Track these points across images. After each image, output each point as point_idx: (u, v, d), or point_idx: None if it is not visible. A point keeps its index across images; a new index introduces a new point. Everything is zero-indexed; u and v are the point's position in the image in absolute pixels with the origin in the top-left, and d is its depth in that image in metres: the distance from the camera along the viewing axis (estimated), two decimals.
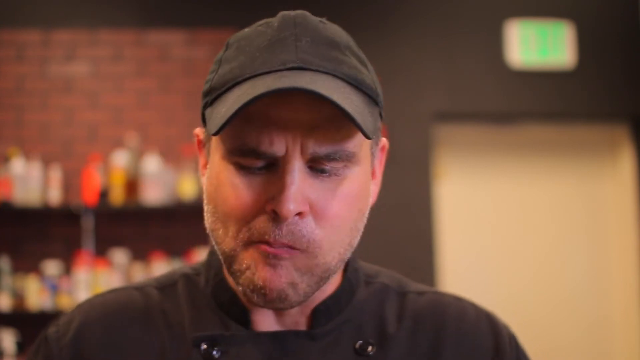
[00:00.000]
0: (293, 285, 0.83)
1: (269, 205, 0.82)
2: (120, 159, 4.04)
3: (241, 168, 0.83)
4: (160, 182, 4.02)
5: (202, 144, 0.95)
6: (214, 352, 0.89)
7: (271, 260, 0.82)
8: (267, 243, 0.82)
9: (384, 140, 0.94)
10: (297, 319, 0.92)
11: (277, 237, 0.81)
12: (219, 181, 0.85)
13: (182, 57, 4.33)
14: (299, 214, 0.82)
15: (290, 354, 0.89)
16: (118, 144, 4.18)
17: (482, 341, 0.96)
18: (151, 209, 4.09)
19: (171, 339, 0.92)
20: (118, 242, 4.15)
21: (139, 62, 4.31)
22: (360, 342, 0.91)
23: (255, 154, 0.81)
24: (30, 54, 4.27)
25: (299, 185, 0.81)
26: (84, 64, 4.29)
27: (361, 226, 0.88)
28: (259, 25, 0.88)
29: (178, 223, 4.22)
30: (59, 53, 4.27)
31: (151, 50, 4.32)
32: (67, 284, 3.95)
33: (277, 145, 0.81)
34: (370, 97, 0.86)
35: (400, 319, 0.95)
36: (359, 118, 0.78)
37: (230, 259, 0.85)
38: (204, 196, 0.89)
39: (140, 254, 4.12)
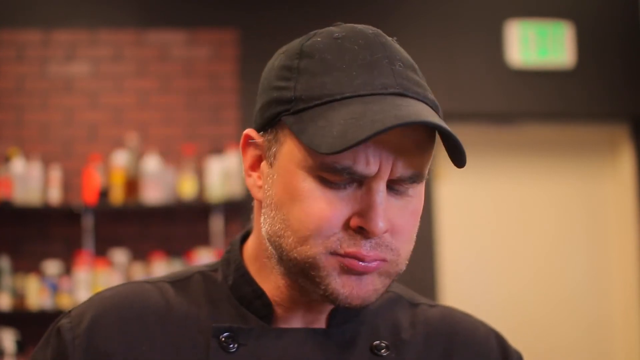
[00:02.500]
0: (377, 291, 0.88)
1: (355, 221, 0.84)
2: (120, 159, 4.04)
3: (325, 182, 0.84)
4: (160, 182, 4.02)
5: (253, 145, 0.93)
6: (232, 344, 0.90)
7: (359, 273, 0.86)
8: (357, 258, 0.85)
9: None
10: (317, 317, 0.94)
11: (369, 250, 0.85)
12: (297, 191, 0.85)
13: (182, 57, 4.33)
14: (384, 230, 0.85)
15: (308, 350, 0.91)
16: (118, 144, 4.18)
17: (492, 355, 1.00)
18: (151, 209, 4.09)
19: (187, 330, 0.92)
20: (118, 242, 4.15)
21: (139, 62, 4.31)
22: (376, 342, 0.94)
23: (349, 172, 0.83)
24: (30, 54, 4.27)
25: (385, 204, 0.85)
26: (84, 64, 4.29)
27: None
28: (338, 39, 0.88)
29: (178, 223, 4.22)
30: (59, 53, 4.28)
31: (151, 50, 4.32)
32: (67, 284, 3.96)
33: (373, 166, 0.83)
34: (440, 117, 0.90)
35: (413, 326, 0.98)
36: (462, 146, 0.85)
37: (308, 266, 0.86)
38: (266, 201, 0.89)
39: (140, 254, 4.12)
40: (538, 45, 4.49)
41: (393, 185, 0.86)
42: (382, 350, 0.93)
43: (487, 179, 4.63)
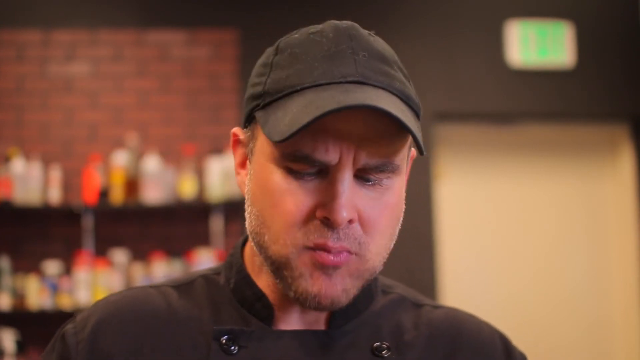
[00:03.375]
0: (346, 291, 0.87)
1: (320, 212, 0.84)
2: (120, 159, 4.04)
3: (291, 173, 0.86)
4: (160, 182, 4.02)
5: (240, 144, 0.95)
6: (233, 347, 0.90)
7: (328, 270, 0.85)
8: (325, 249, 0.85)
9: (412, 150, 0.97)
10: (317, 319, 0.94)
11: (336, 240, 0.84)
12: (266, 185, 0.87)
13: (182, 57, 4.33)
14: (350, 221, 0.85)
15: (308, 352, 0.91)
16: (118, 144, 4.18)
17: (496, 356, 0.99)
18: (151, 209, 4.09)
19: (189, 333, 0.93)
20: (118, 242, 4.15)
21: (139, 62, 4.31)
22: (377, 343, 0.93)
23: (309, 160, 0.84)
24: (30, 54, 4.27)
25: (349, 194, 0.84)
26: (84, 64, 4.29)
27: (397, 232, 0.92)
28: (311, 34, 0.89)
29: (178, 223, 4.22)
30: (59, 53, 4.28)
31: (151, 50, 4.32)
32: (67, 284, 3.96)
33: (332, 154, 0.84)
34: (414, 111, 0.89)
35: (416, 328, 0.98)
36: (418, 136, 0.83)
37: (282, 264, 0.87)
38: (246, 197, 0.91)
39: (140, 254, 4.12)
40: (538, 45, 4.49)
41: (363, 175, 0.86)
42: (384, 352, 0.93)
43: (487, 179, 4.63)
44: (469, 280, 4.55)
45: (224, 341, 0.90)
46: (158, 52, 4.32)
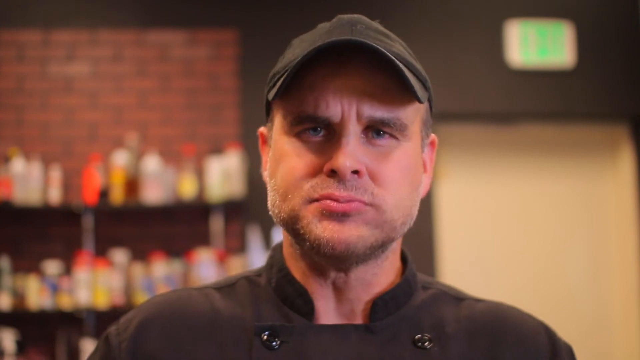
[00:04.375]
0: (361, 237, 0.88)
1: (326, 165, 0.87)
2: (120, 159, 4.04)
3: (300, 139, 0.89)
4: (160, 182, 4.02)
5: (265, 140, 0.99)
6: (275, 342, 0.91)
7: (337, 217, 0.87)
8: (331, 199, 0.86)
9: (433, 136, 0.99)
10: (358, 313, 0.95)
11: (342, 190, 0.86)
12: (280, 155, 0.91)
13: (182, 57, 4.33)
14: (357, 172, 0.87)
15: (350, 346, 0.91)
16: (118, 144, 4.18)
17: (541, 348, 0.98)
18: (151, 209, 4.09)
19: (231, 331, 0.94)
20: (118, 242, 4.15)
21: (139, 62, 4.31)
22: (419, 335, 0.94)
23: (313, 119, 0.88)
24: (30, 54, 4.27)
25: (354, 146, 0.87)
26: (84, 64, 4.29)
27: (416, 202, 0.93)
28: (319, 25, 0.96)
29: (178, 223, 4.22)
30: (59, 53, 4.28)
31: (151, 50, 4.32)
32: (67, 284, 3.95)
33: (333, 109, 0.87)
34: (419, 79, 0.92)
35: (458, 320, 0.98)
36: (412, 82, 0.86)
37: (293, 220, 0.89)
38: (269, 183, 0.94)
39: (140, 254, 4.12)
40: (538, 45, 4.49)
41: (371, 133, 0.89)
42: (426, 344, 0.93)
43: (487, 178, 4.63)
44: (469, 280, 4.55)
45: (265, 337, 0.91)
46: (158, 52, 4.32)
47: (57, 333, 4.01)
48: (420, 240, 4.31)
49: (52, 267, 3.97)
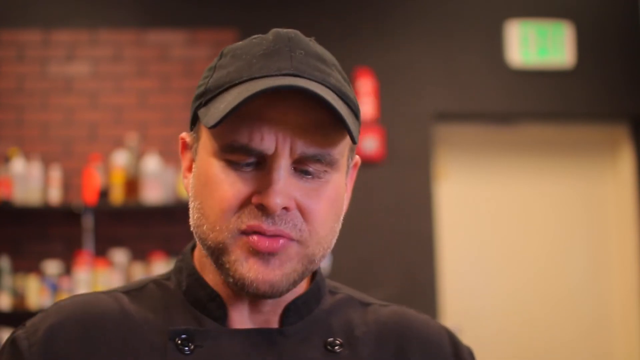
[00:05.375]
0: (285, 275, 0.88)
1: (255, 198, 0.86)
2: (120, 159, 4.04)
3: (230, 165, 0.88)
4: (160, 182, 4.02)
5: (187, 147, 0.98)
6: (188, 347, 0.91)
7: (264, 256, 0.87)
8: (259, 232, 0.86)
9: (357, 158, 1.00)
10: (270, 317, 0.95)
11: (270, 225, 0.86)
12: (207, 177, 0.89)
13: (182, 57, 4.33)
14: (286, 208, 0.86)
15: (263, 350, 0.92)
16: (118, 144, 4.18)
17: (444, 350, 1.01)
18: (151, 209, 4.09)
19: (144, 335, 0.93)
20: (118, 242, 4.15)
21: (139, 62, 4.31)
22: (330, 339, 0.95)
23: (246, 150, 0.87)
24: (30, 54, 4.27)
25: (285, 182, 0.87)
26: (84, 64, 4.29)
27: (337, 230, 0.94)
28: (254, 39, 0.94)
29: (178, 223, 4.22)
30: (59, 53, 4.28)
31: (151, 50, 4.32)
32: (68, 284, 3.96)
33: (268, 143, 0.86)
34: (352, 111, 0.91)
35: (366, 324, 1.00)
36: (348, 121, 0.85)
37: (219, 251, 0.89)
38: (190, 195, 0.93)
39: (140, 254, 4.12)
40: (538, 45, 4.49)
41: (301, 167, 0.88)
42: (336, 347, 0.95)
43: (487, 179, 4.63)
44: (469, 280, 4.55)
45: (179, 341, 0.91)
46: (158, 52, 4.32)
47: None
48: (420, 240, 4.31)
49: (52, 267, 3.97)
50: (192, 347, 0.91)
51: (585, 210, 4.69)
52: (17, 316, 3.94)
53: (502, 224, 4.62)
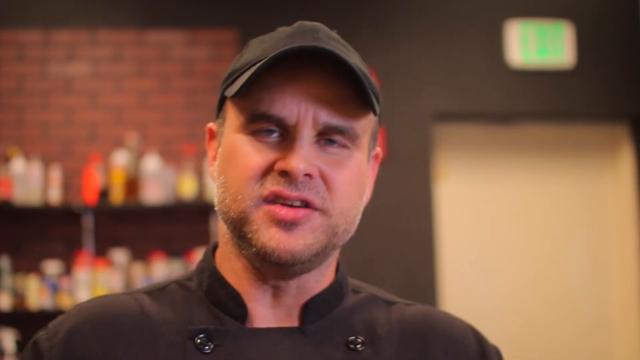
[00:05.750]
0: (307, 245, 0.88)
1: (278, 165, 0.87)
2: (120, 159, 4.04)
3: (254, 136, 0.89)
4: (160, 182, 4.02)
5: (214, 136, 0.99)
6: (208, 346, 0.91)
7: (286, 225, 0.87)
8: (282, 197, 0.87)
9: (378, 149, 1.01)
10: (290, 316, 0.95)
11: (293, 190, 0.87)
12: (231, 151, 0.90)
13: (182, 57, 4.33)
14: (309, 175, 0.87)
15: (283, 349, 0.92)
16: (118, 144, 4.18)
17: (470, 349, 1.00)
18: (151, 209, 4.09)
19: (164, 335, 0.93)
20: (118, 242, 4.15)
21: (139, 62, 4.31)
22: (352, 337, 0.94)
23: (267, 117, 0.88)
24: (30, 54, 4.27)
25: (308, 150, 0.88)
26: (84, 64, 4.29)
27: (360, 210, 0.94)
28: (278, 30, 0.96)
29: (178, 223, 4.22)
30: (59, 53, 4.28)
31: (151, 50, 4.32)
32: (67, 284, 3.96)
33: (289, 110, 0.87)
34: (373, 93, 0.92)
35: (389, 323, 0.98)
36: (370, 94, 0.87)
37: (241, 222, 0.89)
38: (216, 178, 0.94)
39: (140, 254, 4.12)
40: (538, 45, 4.49)
41: (324, 137, 0.89)
42: (358, 345, 0.94)
43: (487, 178, 4.63)
44: (469, 280, 4.55)
45: (199, 340, 0.91)
46: (158, 52, 4.32)
47: None
48: (420, 240, 4.31)
49: (52, 267, 3.97)
50: (211, 346, 0.91)
51: (585, 210, 4.69)
52: (17, 316, 3.94)
53: (502, 224, 4.62)
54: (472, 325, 1.04)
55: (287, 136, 0.88)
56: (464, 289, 4.53)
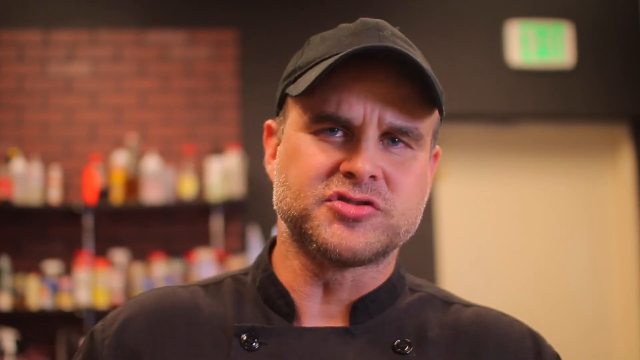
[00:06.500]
0: (368, 244, 0.88)
1: (343, 165, 0.87)
2: (120, 159, 4.04)
3: (319, 135, 0.89)
4: (160, 182, 4.02)
5: (272, 133, 0.98)
6: (254, 343, 0.91)
7: (348, 222, 0.87)
8: (346, 198, 0.86)
9: (438, 148, 1.01)
10: (339, 314, 0.94)
11: (357, 192, 0.86)
12: (294, 150, 0.90)
13: (182, 57, 4.33)
14: (373, 177, 0.87)
15: (329, 349, 0.91)
16: (118, 144, 4.18)
17: (526, 354, 0.96)
18: (151, 209, 4.09)
19: (212, 330, 0.94)
20: (118, 242, 4.15)
21: (139, 62, 4.31)
22: (399, 340, 0.93)
23: (334, 118, 0.87)
24: (30, 54, 4.27)
25: (373, 151, 0.87)
26: (84, 64, 4.29)
27: (421, 211, 0.94)
28: (339, 26, 0.96)
29: (178, 223, 4.22)
30: (59, 53, 4.28)
31: (151, 50, 4.32)
32: (68, 284, 3.96)
33: (356, 112, 0.87)
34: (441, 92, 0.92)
35: (442, 325, 0.96)
36: (438, 93, 0.87)
37: (302, 219, 0.89)
38: (275, 177, 0.94)
39: (140, 254, 4.12)
40: (538, 45, 4.49)
41: (389, 138, 0.89)
42: (405, 348, 0.92)
43: (487, 179, 4.63)
44: (469, 280, 4.55)
45: (244, 338, 0.91)
46: (158, 52, 4.32)
47: (57, 333, 4.00)
48: (420, 241, 4.31)
49: (52, 267, 3.97)
50: (257, 344, 0.91)
51: (585, 210, 4.69)
52: (17, 316, 3.94)
53: (502, 224, 4.62)
54: (532, 328, 1.01)
55: (352, 136, 0.88)
56: (464, 289, 4.51)
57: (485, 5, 4.52)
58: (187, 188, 4.06)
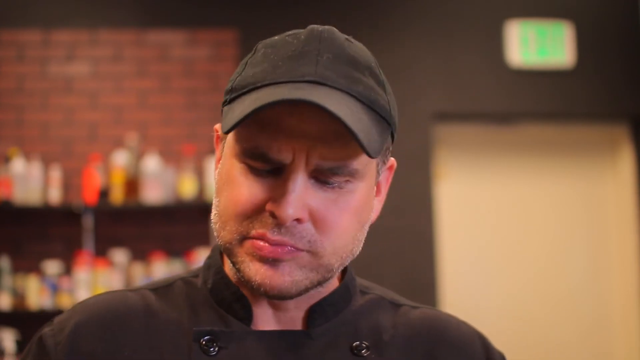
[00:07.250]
0: (295, 282, 0.86)
1: (269, 205, 0.85)
2: (120, 159, 4.04)
3: (250, 168, 0.87)
4: (160, 182, 4.02)
5: (220, 139, 0.97)
6: (213, 348, 0.90)
7: (268, 261, 0.85)
8: (263, 239, 0.85)
9: (392, 160, 0.97)
10: (296, 318, 0.94)
11: (275, 234, 0.84)
12: (227, 177, 0.89)
13: (182, 57, 4.33)
14: (298, 220, 0.84)
15: (288, 352, 0.91)
16: (118, 144, 4.18)
17: (476, 356, 0.99)
18: (151, 209, 4.09)
19: (169, 334, 0.93)
20: (118, 242, 4.15)
21: (139, 62, 4.31)
22: (357, 342, 0.93)
23: (265, 158, 0.85)
24: (30, 54, 4.27)
25: (300, 192, 0.84)
26: (84, 64, 4.29)
27: (361, 238, 0.91)
28: (287, 35, 0.91)
29: (178, 223, 4.22)
30: (59, 53, 4.28)
31: (151, 50, 4.32)
32: (68, 284, 3.96)
33: (285, 153, 0.84)
34: (382, 117, 0.88)
35: (395, 327, 0.97)
36: (363, 137, 0.81)
37: (227, 251, 0.89)
38: (215, 190, 0.93)
39: (140, 254, 4.12)
40: (538, 45, 4.49)
41: (320, 177, 0.85)
42: (363, 351, 0.93)
43: (487, 178, 4.63)
44: (469, 280, 4.55)
45: (204, 342, 0.90)
46: (158, 52, 4.32)
47: None
48: (420, 240, 4.31)
49: (52, 267, 3.97)
50: (217, 348, 0.90)
51: (585, 210, 4.70)
52: (17, 316, 3.94)
53: (502, 224, 4.62)
54: (477, 330, 1.03)
55: (281, 171, 0.85)
56: (464, 289, 4.53)
57: (485, 5, 4.52)
58: (187, 188, 4.06)
